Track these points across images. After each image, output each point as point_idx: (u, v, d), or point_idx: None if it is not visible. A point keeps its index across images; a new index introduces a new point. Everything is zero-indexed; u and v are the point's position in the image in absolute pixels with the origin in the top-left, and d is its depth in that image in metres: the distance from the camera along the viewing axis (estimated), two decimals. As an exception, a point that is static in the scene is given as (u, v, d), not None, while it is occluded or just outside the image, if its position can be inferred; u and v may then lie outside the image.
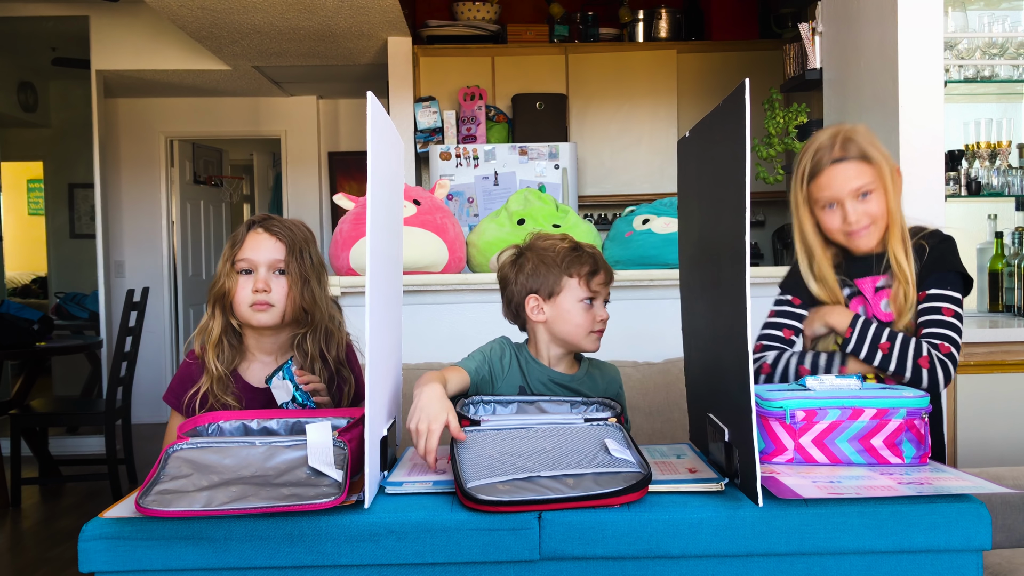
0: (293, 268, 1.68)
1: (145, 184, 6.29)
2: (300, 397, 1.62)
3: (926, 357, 1.56)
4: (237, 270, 1.69)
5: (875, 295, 1.71)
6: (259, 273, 1.67)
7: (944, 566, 1.19)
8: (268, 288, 1.66)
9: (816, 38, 3.28)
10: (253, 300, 1.66)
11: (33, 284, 7.37)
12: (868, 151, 1.64)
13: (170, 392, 1.75)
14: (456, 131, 4.76)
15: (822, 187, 1.65)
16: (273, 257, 1.68)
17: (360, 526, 1.17)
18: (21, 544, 3.69)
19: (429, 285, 2.67)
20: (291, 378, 1.61)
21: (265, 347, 1.74)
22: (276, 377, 1.62)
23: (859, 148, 1.64)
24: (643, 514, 1.18)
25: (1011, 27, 2.95)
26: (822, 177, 1.65)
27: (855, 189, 1.63)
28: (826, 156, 1.65)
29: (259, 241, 1.69)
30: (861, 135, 1.66)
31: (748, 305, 1.13)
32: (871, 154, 1.64)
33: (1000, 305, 3.02)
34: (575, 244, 1.72)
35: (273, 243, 1.69)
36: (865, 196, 1.64)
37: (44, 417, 4.35)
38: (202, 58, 5.27)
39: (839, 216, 1.66)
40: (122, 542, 1.17)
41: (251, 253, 1.68)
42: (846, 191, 1.63)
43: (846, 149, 1.64)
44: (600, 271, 1.69)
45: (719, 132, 1.26)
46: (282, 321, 1.69)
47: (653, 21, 5.03)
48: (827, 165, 1.64)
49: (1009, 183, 2.98)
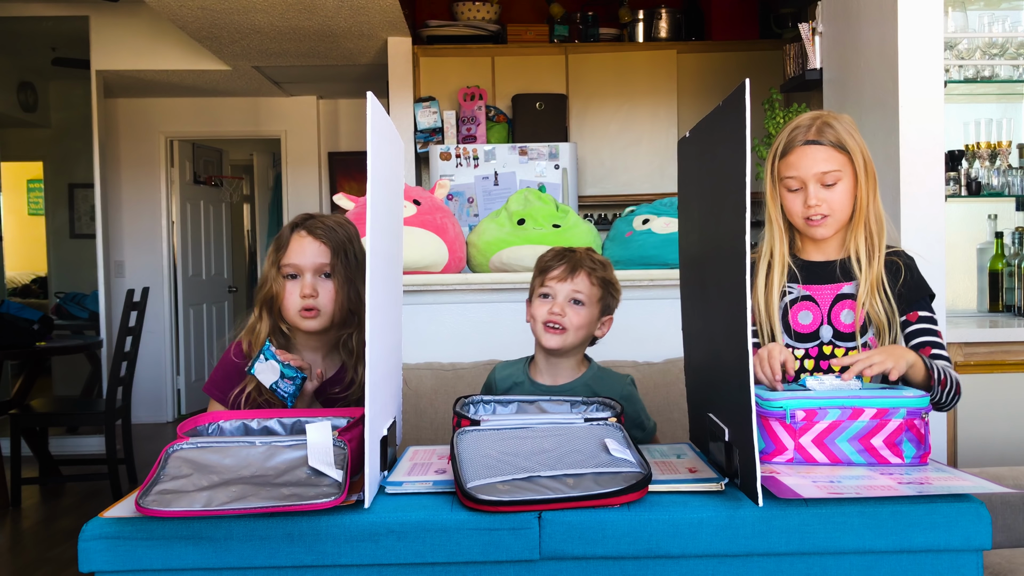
0: (339, 270, 1.68)
1: (145, 184, 6.30)
2: (289, 372, 1.60)
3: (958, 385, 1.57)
4: (283, 275, 1.69)
5: (835, 305, 1.65)
6: (305, 278, 1.67)
7: (944, 566, 1.19)
8: (315, 293, 1.66)
9: (816, 38, 3.28)
10: (301, 306, 1.66)
11: (33, 284, 7.37)
12: (844, 139, 1.60)
13: (212, 384, 1.76)
14: (456, 131, 4.76)
15: (789, 165, 1.62)
16: (318, 261, 1.67)
17: (360, 526, 1.17)
18: (21, 544, 3.69)
19: (429, 285, 2.67)
20: (272, 357, 1.61)
21: (312, 345, 1.75)
22: (258, 363, 1.61)
23: (836, 135, 1.60)
24: (643, 514, 1.18)
25: (1011, 27, 2.95)
26: (792, 155, 1.62)
27: (820, 173, 1.59)
28: (800, 136, 1.62)
29: (303, 245, 1.68)
30: (841, 123, 1.62)
31: (748, 305, 1.13)
32: (846, 143, 1.60)
33: (1000, 305, 3.02)
34: (560, 249, 1.74)
35: (317, 247, 1.68)
36: (831, 185, 1.60)
37: (44, 417, 4.35)
38: (202, 58, 5.27)
39: (801, 199, 1.63)
40: (122, 542, 1.17)
41: (297, 258, 1.67)
42: (811, 173, 1.60)
43: (822, 133, 1.60)
44: (557, 267, 1.70)
45: (719, 132, 1.26)
46: (331, 324, 1.70)
47: (653, 21, 5.03)
48: (798, 144, 1.61)
49: (1009, 183, 2.98)
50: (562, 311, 1.68)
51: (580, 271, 1.70)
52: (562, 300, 1.69)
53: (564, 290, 1.69)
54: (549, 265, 1.72)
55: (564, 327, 1.69)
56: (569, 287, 1.69)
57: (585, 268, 1.70)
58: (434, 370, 2.47)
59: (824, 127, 1.61)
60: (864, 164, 1.62)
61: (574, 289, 1.69)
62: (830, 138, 1.60)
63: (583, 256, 1.73)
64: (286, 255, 1.68)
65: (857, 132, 1.64)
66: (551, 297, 1.70)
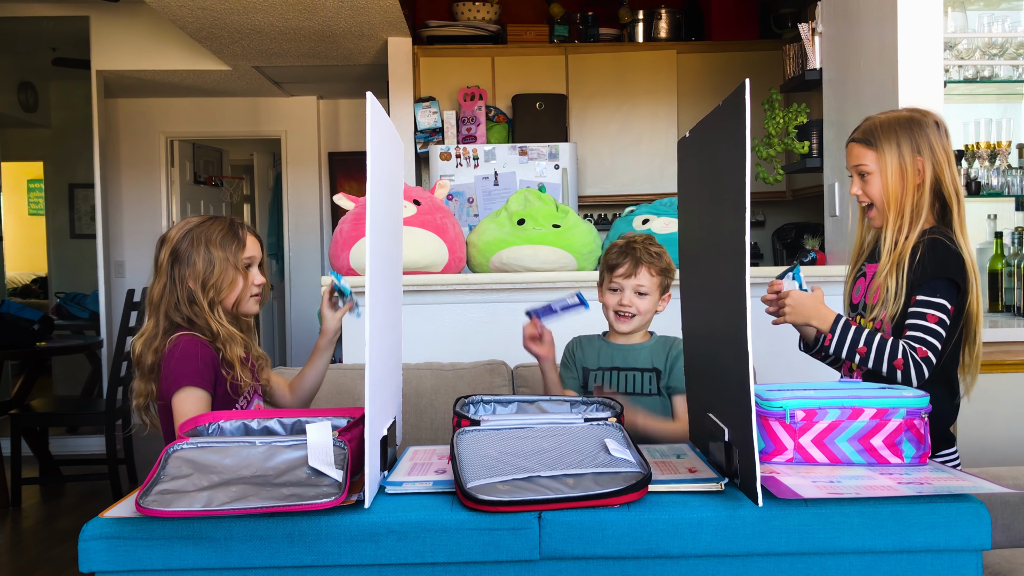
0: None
1: (145, 184, 6.29)
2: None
3: (901, 360, 1.63)
4: (244, 267, 1.89)
5: (871, 281, 1.78)
6: (258, 268, 1.89)
7: (944, 566, 1.19)
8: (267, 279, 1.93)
9: (816, 38, 3.28)
10: (254, 292, 1.89)
11: (33, 284, 7.38)
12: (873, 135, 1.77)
13: (195, 374, 1.75)
14: (456, 131, 4.76)
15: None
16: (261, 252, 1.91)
17: (360, 526, 1.18)
18: (21, 544, 3.69)
19: (429, 285, 2.67)
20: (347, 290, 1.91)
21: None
22: (358, 298, 1.85)
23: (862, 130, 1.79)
24: (643, 514, 1.18)
25: (1011, 27, 2.95)
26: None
27: (854, 167, 1.80)
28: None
29: (253, 241, 1.89)
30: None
31: (748, 305, 1.13)
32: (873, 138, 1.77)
33: (1000, 305, 3.02)
34: (623, 244, 2.00)
35: (255, 240, 1.90)
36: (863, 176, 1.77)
37: (44, 417, 4.35)
38: (202, 58, 5.27)
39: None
40: (122, 542, 1.17)
41: (253, 251, 1.90)
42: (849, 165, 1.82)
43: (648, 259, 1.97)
44: (623, 264, 1.96)
45: (719, 132, 1.26)
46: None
47: (653, 21, 5.03)
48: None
49: (1009, 183, 2.98)
50: (630, 302, 1.96)
51: (641, 267, 1.95)
52: (629, 293, 1.96)
53: (630, 284, 1.96)
54: (616, 263, 1.98)
55: (633, 314, 1.97)
56: (633, 282, 1.95)
57: (645, 264, 1.96)
58: (434, 370, 2.47)
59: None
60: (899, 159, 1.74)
61: (638, 284, 1.95)
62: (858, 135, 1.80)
63: (642, 251, 1.96)
64: (245, 249, 1.84)
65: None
66: (619, 290, 1.97)
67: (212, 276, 1.78)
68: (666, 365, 1.98)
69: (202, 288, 1.77)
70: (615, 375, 2.00)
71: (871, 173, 1.74)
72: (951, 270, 1.67)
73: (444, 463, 1.40)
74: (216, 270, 1.78)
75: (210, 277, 1.77)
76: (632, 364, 2.00)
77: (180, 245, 1.79)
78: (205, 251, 1.78)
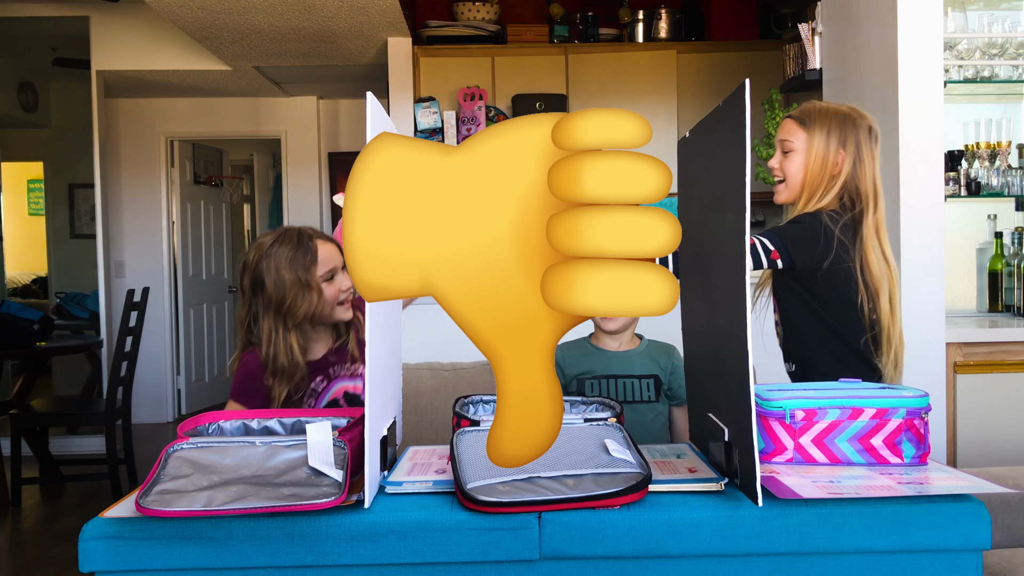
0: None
1: (145, 184, 6.29)
2: None
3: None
4: (323, 280, 1.92)
5: None
6: (342, 275, 1.91)
7: (944, 566, 1.19)
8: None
9: (816, 38, 3.28)
10: (340, 299, 1.93)
11: (33, 284, 7.37)
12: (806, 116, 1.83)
13: (239, 393, 1.88)
14: (456, 131, 4.76)
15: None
16: (341, 258, 1.92)
17: (360, 526, 1.18)
18: (21, 544, 3.69)
19: (429, 285, 2.67)
20: None
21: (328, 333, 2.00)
22: None
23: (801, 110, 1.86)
24: (643, 514, 1.18)
25: (1011, 27, 2.95)
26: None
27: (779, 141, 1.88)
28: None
29: (329, 249, 1.90)
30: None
31: (748, 305, 1.13)
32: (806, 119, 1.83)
33: (1000, 305, 3.03)
34: None
35: (333, 247, 1.91)
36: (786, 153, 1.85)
37: (44, 417, 4.35)
38: (202, 58, 5.27)
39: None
40: (122, 542, 1.17)
41: (333, 261, 1.92)
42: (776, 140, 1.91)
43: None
44: None
45: (719, 132, 1.26)
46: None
47: (653, 21, 5.03)
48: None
49: (1009, 183, 2.98)
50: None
51: None
52: None
53: None
54: None
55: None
56: None
57: None
58: (434, 370, 2.47)
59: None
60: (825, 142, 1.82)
61: None
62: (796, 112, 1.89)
63: None
64: (319, 264, 1.85)
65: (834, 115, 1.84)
66: None
67: (285, 301, 1.83)
68: (666, 376, 1.99)
69: (276, 312, 1.83)
70: (612, 383, 1.98)
71: (794, 151, 1.82)
72: (787, 228, 1.75)
73: (444, 463, 1.40)
74: (286, 294, 1.83)
75: (283, 302, 1.83)
76: (629, 371, 1.99)
77: (255, 271, 1.85)
78: (276, 275, 1.83)
